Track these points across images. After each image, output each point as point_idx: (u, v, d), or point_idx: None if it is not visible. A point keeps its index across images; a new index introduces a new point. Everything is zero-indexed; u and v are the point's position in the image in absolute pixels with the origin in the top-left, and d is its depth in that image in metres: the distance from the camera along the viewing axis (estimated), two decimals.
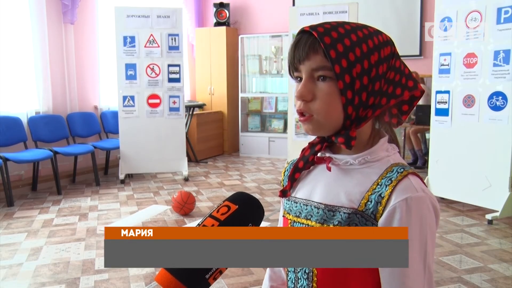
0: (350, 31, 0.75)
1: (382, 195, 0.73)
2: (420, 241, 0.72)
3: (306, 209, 0.83)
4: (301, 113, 0.78)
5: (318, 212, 0.80)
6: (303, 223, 0.83)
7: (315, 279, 0.80)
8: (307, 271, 0.82)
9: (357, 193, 0.77)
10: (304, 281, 0.82)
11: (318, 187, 0.83)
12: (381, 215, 0.73)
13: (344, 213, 0.76)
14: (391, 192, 0.73)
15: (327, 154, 0.82)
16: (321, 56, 0.74)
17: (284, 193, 0.88)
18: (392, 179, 0.74)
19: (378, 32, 0.78)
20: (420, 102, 5.66)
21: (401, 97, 0.78)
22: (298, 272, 0.84)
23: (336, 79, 0.73)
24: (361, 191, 0.76)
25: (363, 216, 0.75)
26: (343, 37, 0.74)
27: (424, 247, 0.73)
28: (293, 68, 0.79)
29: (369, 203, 0.75)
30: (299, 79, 0.78)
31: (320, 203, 0.80)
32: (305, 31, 0.76)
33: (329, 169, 0.80)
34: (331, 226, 0.77)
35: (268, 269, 1.02)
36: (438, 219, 0.76)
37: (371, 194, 0.75)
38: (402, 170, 0.75)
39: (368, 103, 0.76)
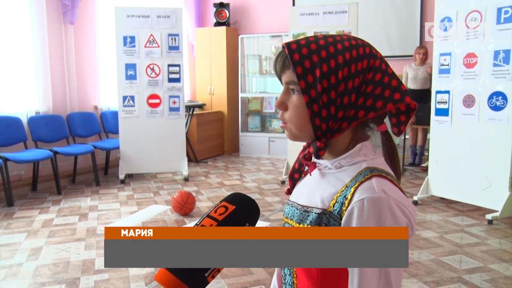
0: (322, 47, 0.78)
1: (346, 196, 0.76)
2: None
3: (291, 210, 0.89)
4: (281, 120, 0.86)
5: (297, 213, 0.85)
6: (288, 223, 0.89)
7: (295, 275, 0.86)
8: (289, 268, 0.88)
9: (329, 195, 0.81)
10: (288, 277, 0.88)
11: (305, 191, 0.89)
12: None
13: (315, 213, 0.80)
14: (353, 193, 0.75)
15: (314, 159, 0.88)
16: (291, 71, 0.80)
17: (290, 191, 0.95)
18: (357, 181, 0.77)
19: (357, 47, 0.79)
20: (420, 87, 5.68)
21: (383, 110, 0.79)
22: (284, 268, 0.90)
23: (302, 93, 0.78)
24: (333, 193, 0.80)
25: (331, 216, 0.78)
26: (312, 53, 0.78)
27: None
28: (279, 78, 0.86)
29: (336, 204, 0.78)
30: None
31: (299, 204, 0.86)
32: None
33: (310, 174, 0.87)
34: (305, 225, 0.82)
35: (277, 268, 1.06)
36: (410, 222, 0.75)
37: (339, 195, 0.78)
38: (368, 172, 0.77)
39: (337, 116, 0.79)
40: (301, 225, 0.83)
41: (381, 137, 0.86)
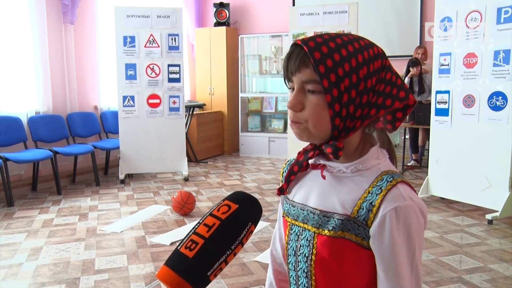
0: (341, 46, 0.77)
1: (373, 204, 0.77)
2: (408, 246, 0.77)
3: (303, 213, 0.87)
4: (292, 120, 0.83)
5: (313, 217, 0.84)
6: (300, 227, 0.87)
7: (314, 277, 0.84)
8: (305, 270, 0.85)
9: (350, 200, 0.80)
10: (304, 279, 0.86)
11: (313, 193, 0.87)
12: (372, 221, 0.77)
13: (338, 219, 0.80)
14: (381, 201, 0.77)
15: (321, 161, 0.86)
16: (311, 70, 0.77)
17: (281, 191, 0.93)
18: (382, 188, 0.78)
19: (370, 46, 0.81)
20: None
21: (391, 108, 0.81)
22: (298, 271, 0.87)
23: (324, 92, 0.77)
24: (354, 198, 0.80)
25: (355, 222, 0.79)
26: (333, 52, 0.76)
27: (412, 251, 0.78)
28: (287, 78, 0.83)
29: (361, 210, 0.79)
30: (292, 89, 0.83)
31: (316, 209, 0.84)
32: (298, 44, 0.79)
33: (323, 177, 0.84)
34: (326, 230, 0.81)
35: (270, 262, 1.06)
36: (426, 222, 0.81)
37: (363, 202, 0.79)
38: (391, 179, 0.79)
39: (355, 115, 0.79)
40: (320, 230, 0.82)
41: (378, 134, 0.87)
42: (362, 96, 0.78)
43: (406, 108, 0.84)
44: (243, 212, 0.80)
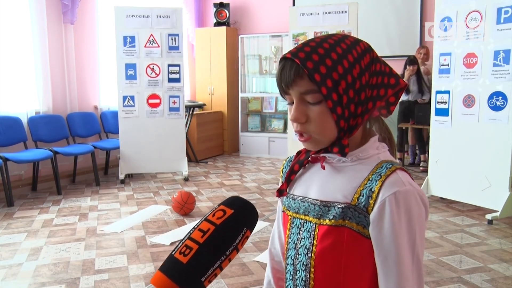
0: (330, 50, 0.78)
1: (373, 189, 0.78)
2: (409, 232, 0.77)
3: (304, 205, 0.87)
4: (300, 134, 0.83)
5: (314, 208, 0.84)
6: (301, 219, 0.87)
7: (313, 270, 0.84)
8: (305, 263, 0.85)
9: (350, 188, 0.81)
10: (302, 273, 0.86)
11: (313, 185, 0.87)
12: (372, 208, 0.77)
13: (338, 207, 0.81)
14: (381, 186, 0.77)
15: (321, 154, 0.87)
16: (307, 80, 0.78)
17: (280, 193, 0.93)
18: (382, 174, 0.79)
19: (356, 43, 0.82)
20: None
21: (385, 97, 0.82)
22: (297, 264, 0.87)
23: (325, 99, 0.78)
24: (354, 186, 0.81)
25: (356, 209, 0.79)
26: (324, 58, 0.77)
27: (413, 238, 0.77)
28: (283, 92, 0.83)
29: (361, 197, 0.79)
30: (290, 103, 0.83)
31: (316, 200, 0.85)
32: (287, 58, 0.80)
33: (323, 167, 0.85)
34: (327, 220, 0.81)
35: (269, 261, 1.05)
36: (427, 210, 0.80)
37: (363, 189, 0.79)
38: (390, 166, 0.80)
39: (357, 113, 0.80)
40: (320, 220, 0.82)
41: (377, 127, 0.88)
42: (360, 94, 0.79)
43: (398, 92, 0.85)
44: (238, 217, 0.80)
